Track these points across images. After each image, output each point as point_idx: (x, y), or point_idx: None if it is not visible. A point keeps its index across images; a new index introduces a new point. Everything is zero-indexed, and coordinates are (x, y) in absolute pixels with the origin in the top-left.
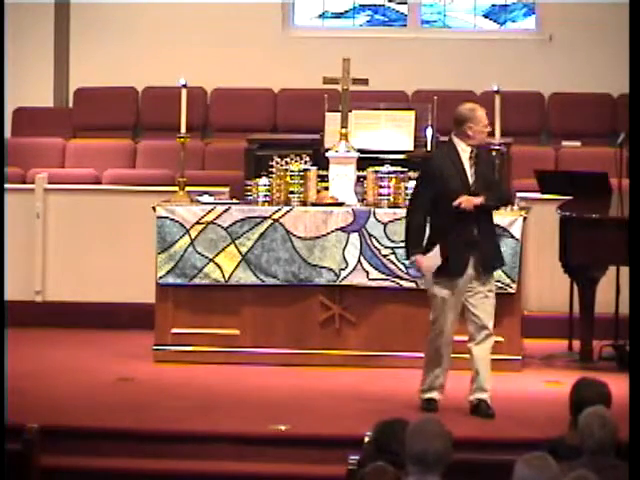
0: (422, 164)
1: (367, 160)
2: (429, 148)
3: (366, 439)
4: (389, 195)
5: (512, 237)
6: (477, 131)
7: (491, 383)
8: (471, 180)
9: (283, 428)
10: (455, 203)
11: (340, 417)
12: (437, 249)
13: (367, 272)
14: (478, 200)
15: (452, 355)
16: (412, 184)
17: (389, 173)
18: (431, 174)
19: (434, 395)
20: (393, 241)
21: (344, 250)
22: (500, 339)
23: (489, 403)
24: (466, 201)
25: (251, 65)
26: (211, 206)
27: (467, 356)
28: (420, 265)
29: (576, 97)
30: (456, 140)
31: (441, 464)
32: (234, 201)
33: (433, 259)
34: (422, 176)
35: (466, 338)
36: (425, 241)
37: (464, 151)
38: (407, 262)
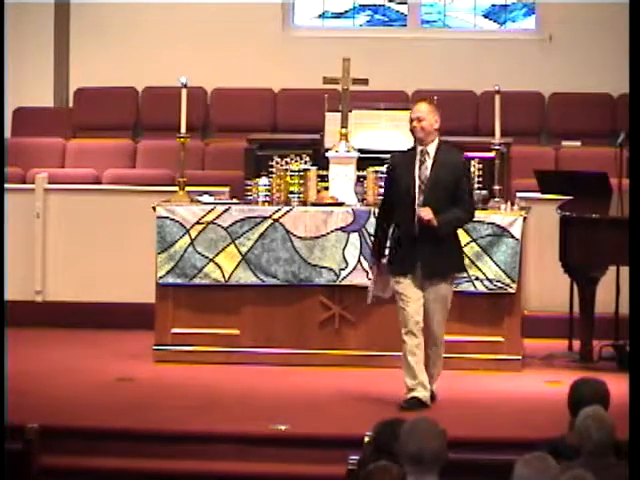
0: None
1: (367, 160)
2: None
3: (366, 439)
4: None
5: (512, 237)
6: (410, 128)
7: (435, 384)
8: (417, 181)
9: (283, 428)
10: (419, 213)
11: (340, 417)
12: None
13: (367, 272)
14: (430, 216)
15: (446, 355)
16: None
17: None
18: (389, 175)
19: (417, 394)
20: None
21: (344, 250)
22: (500, 339)
23: (424, 401)
24: (423, 211)
25: (251, 65)
26: (211, 206)
27: (465, 356)
28: (373, 273)
29: (576, 97)
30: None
31: (437, 463)
32: (234, 201)
33: (385, 280)
34: (385, 178)
35: (457, 338)
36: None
37: (418, 151)
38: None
